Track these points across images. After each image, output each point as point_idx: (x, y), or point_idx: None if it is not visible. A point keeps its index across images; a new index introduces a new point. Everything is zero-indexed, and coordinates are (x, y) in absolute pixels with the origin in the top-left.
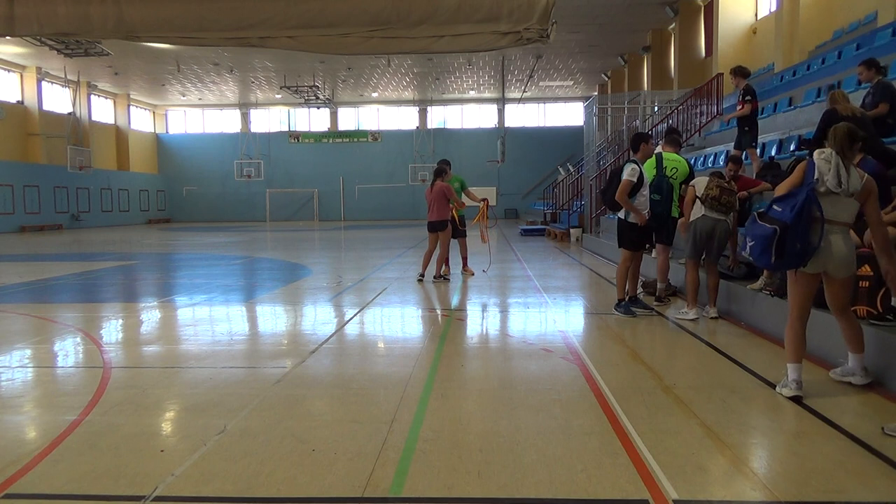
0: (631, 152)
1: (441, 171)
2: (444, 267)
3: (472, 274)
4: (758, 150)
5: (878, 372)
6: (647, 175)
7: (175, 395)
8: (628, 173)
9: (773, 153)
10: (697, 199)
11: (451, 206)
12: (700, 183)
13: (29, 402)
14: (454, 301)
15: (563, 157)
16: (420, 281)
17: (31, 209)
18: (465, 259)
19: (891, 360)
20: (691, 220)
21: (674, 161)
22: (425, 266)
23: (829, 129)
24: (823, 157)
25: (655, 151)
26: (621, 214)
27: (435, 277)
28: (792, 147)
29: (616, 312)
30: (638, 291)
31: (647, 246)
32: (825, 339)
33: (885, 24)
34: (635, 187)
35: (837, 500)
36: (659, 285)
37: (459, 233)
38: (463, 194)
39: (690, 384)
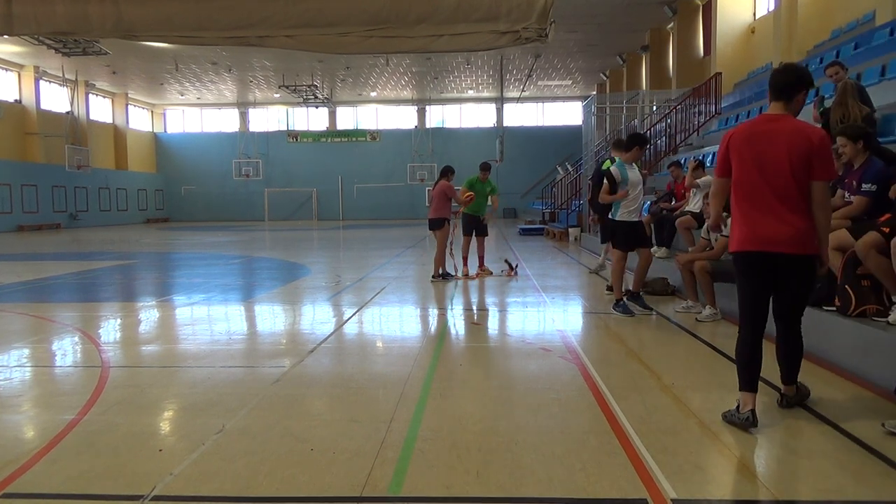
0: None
1: (446, 170)
2: (463, 267)
3: (490, 273)
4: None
5: (879, 371)
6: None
7: (173, 394)
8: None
9: None
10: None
11: (460, 202)
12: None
13: (27, 401)
14: (453, 300)
15: (562, 156)
16: (433, 280)
17: (29, 208)
18: (481, 258)
19: (891, 359)
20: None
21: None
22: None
23: None
24: None
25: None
26: (611, 214)
27: (433, 277)
28: None
29: (615, 312)
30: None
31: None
32: (824, 340)
33: (883, 24)
34: (612, 188)
35: (836, 500)
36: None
37: (481, 231)
38: (489, 199)
39: (689, 383)
